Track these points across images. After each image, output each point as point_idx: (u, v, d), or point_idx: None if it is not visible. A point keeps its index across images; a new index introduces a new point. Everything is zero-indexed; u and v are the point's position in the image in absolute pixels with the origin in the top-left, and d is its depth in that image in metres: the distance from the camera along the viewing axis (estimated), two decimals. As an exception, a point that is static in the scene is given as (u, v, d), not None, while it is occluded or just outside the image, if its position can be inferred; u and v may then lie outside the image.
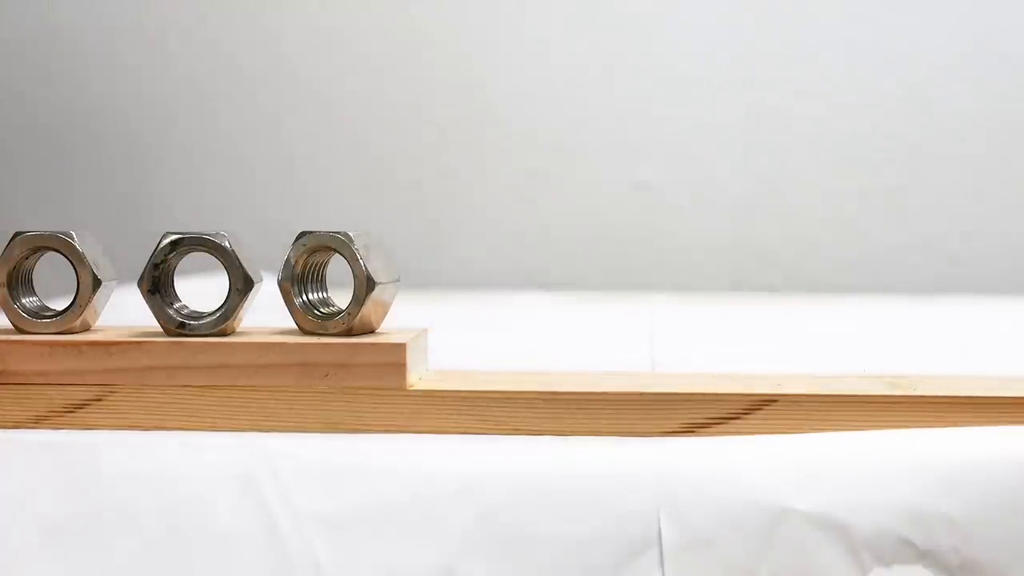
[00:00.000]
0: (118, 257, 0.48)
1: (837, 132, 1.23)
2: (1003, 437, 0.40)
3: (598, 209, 1.25)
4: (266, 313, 0.47)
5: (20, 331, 0.44)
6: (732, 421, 0.41)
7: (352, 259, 0.44)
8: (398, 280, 0.46)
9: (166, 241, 0.44)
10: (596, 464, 0.39)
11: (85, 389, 0.43)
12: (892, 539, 0.38)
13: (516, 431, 0.42)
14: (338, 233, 0.44)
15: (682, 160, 1.24)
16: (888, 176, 1.23)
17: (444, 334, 0.49)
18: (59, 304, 0.45)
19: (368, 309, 0.44)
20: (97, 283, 0.44)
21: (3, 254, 0.44)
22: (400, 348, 0.42)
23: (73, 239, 0.44)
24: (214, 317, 0.43)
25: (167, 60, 1.29)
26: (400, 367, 0.42)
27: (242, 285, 0.44)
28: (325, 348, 0.42)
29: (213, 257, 0.44)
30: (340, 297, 0.46)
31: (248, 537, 0.39)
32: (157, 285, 0.44)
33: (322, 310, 0.45)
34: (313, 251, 0.44)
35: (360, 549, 0.39)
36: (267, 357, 0.42)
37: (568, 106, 1.26)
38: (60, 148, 1.31)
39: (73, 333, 0.44)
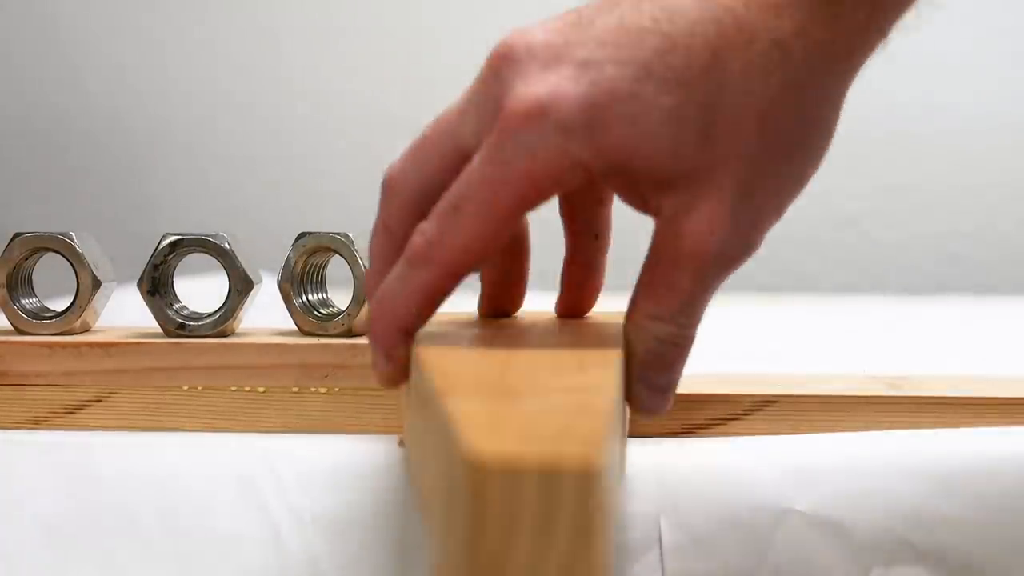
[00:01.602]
0: (118, 258, 0.48)
1: (837, 132, 1.22)
2: (1003, 437, 0.40)
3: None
4: (266, 314, 0.47)
5: (20, 332, 0.44)
6: (732, 421, 0.41)
7: (352, 260, 0.44)
8: (398, 281, 0.46)
9: (166, 242, 0.44)
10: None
11: (85, 390, 0.43)
12: (892, 539, 0.38)
13: (516, 431, 0.42)
14: (338, 234, 0.44)
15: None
16: (888, 176, 1.23)
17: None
18: (59, 305, 0.45)
19: (368, 310, 0.44)
20: (97, 284, 0.44)
21: (3, 255, 0.44)
22: (400, 349, 0.42)
23: (72, 240, 0.44)
24: (214, 318, 0.43)
25: (167, 60, 1.29)
26: (400, 368, 0.42)
27: (242, 286, 0.44)
28: (325, 349, 0.42)
29: (213, 258, 0.44)
30: (340, 298, 0.46)
31: (248, 538, 0.39)
32: (157, 286, 0.44)
33: (322, 311, 0.45)
34: (313, 252, 0.44)
35: (360, 549, 0.39)
36: (267, 358, 0.42)
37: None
38: (60, 148, 1.31)
39: (73, 334, 0.44)
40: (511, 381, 0.29)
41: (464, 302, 0.51)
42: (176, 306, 0.44)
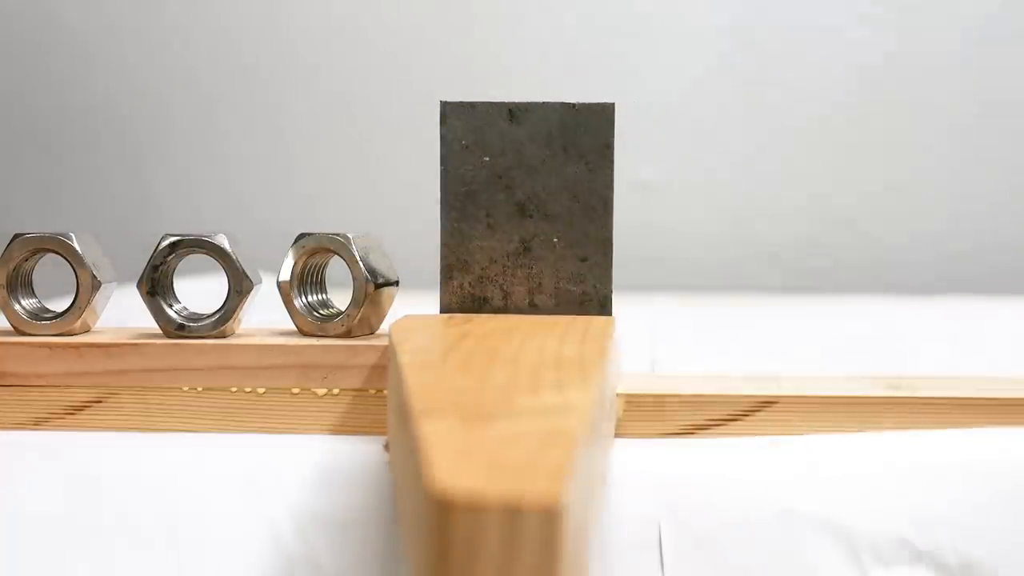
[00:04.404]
0: (118, 258, 0.48)
1: (837, 132, 1.23)
2: (1003, 437, 0.40)
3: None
4: (266, 314, 0.47)
5: (20, 333, 0.44)
6: (732, 422, 0.41)
7: (351, 261, 0.44)
8: (397, 281, 0.46)
9: (165, 243, 0.44)
10: (596, 465, 0.39)
11: (85, 391, 0.43)
12: (892, 540, 0.38)
13: (516, 432, 0.42)
14: (337, 235, 0.44)
15: (682, 160, 1.24)
16: (888, 176, 1.23)
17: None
18: (59, 306, 0.45)
19: (367, 311, 0.44)
20: (96, 285, 0.44)
21: (3, 256, 0.44)
22: (400, 349, 0.42)
23: (72, 240, 0.44)
24: (213, 319, 0.43)
25: (167, 60, 1.29)
26: (400, 368, 0.42)
27: (241, 287, 0.43)
28: (324, 350, 0.42)
29: (212, 258, 0.44)
30: (339, 299, 0.46)
31: (248, 539, 0.39)
32: (156, 287, 0.44)
33: (321, 312, 0.45)
34: (312, 253, 0.44)
35: (360, 549, 0.39)
36: (266, 359, 0.42)
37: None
38: (60, 148, 1.31)
39: (73, 335, 0.44)
40: (486, 400, 0.29)
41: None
42: (176, 307, 0.44)
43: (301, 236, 0.44)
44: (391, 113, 1.26)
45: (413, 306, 0.48)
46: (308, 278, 0.45)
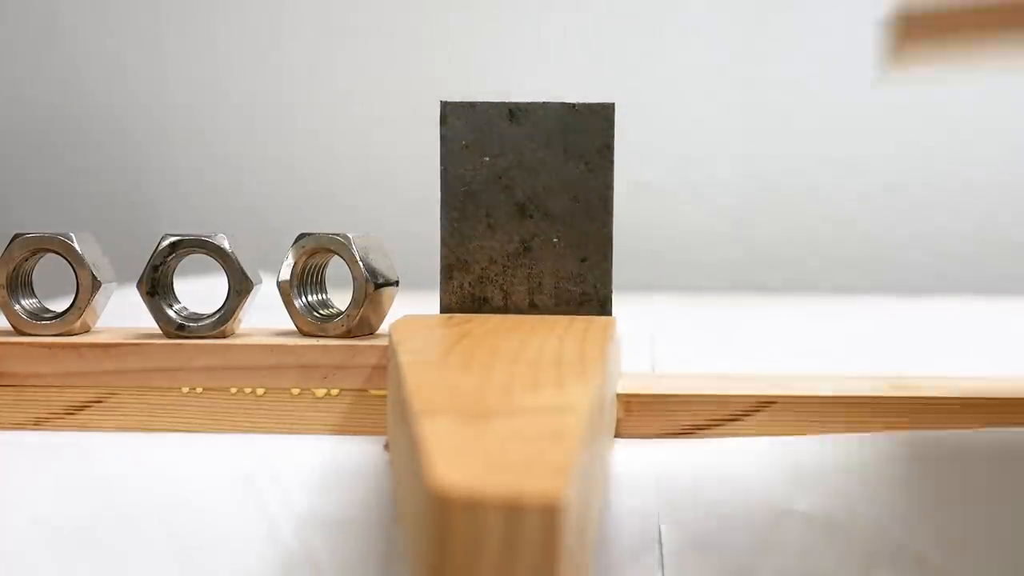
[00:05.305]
0: (118, 259, 0.48)
1: (837, 131, 1.22)
2: (1003, 438, 0.40)
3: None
4: (266, 314, 0.47)
5: (20, 333, 0.44)
6: (732, 422, 0.41)
7: (351, 261, 0.44)
8: (397, 282, 0.46)
9: (165, 243, 0.44)
10: (596, 465, 0.39)
11: (85, 391, 0.43)
12: (892, 540, 0.38)
13: (516, 432, 0.42)
14: (337, 235, 0.44)
15: (682, 160, 1.24)
16: (888, 176, 1.23)
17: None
18: (59, 306, 0.45)
19: (367, 311, 0.44)
20: (96, 285, 0.44)
21: (2, 256, 0.44)
22: (400, 349, 0.42)
23: (72, 240, 0.44)
24: (213, 319, 0.43)
25: (166, 60, 1.29)
26: (400, 368, 0.42)
27: (241, 287, 0.43)
28: (324, 350, 0.42)
29: (212, 258, 0.44)
30: (339, 299, 0.46)
31: (248, 539, 0.39)
32: (156, 287, 0.44)
33: (321, 312, 0.45)
34: (312, 253, 0.44)
35: (360, 549, 0.39)
36: (266, 359, 0.42)
37: (568, 106, 1.25)
38: (60, 148, 1.31)
39: (73, 335, 0.44)
40: (486, 398, 0.29)
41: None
42: (176, 307, 0.44)
43: (301, 236, 0.44)
44: (391, 113, 1.26)
45: (413, 306, 0.48)
46: (308, 278, 0.45)
